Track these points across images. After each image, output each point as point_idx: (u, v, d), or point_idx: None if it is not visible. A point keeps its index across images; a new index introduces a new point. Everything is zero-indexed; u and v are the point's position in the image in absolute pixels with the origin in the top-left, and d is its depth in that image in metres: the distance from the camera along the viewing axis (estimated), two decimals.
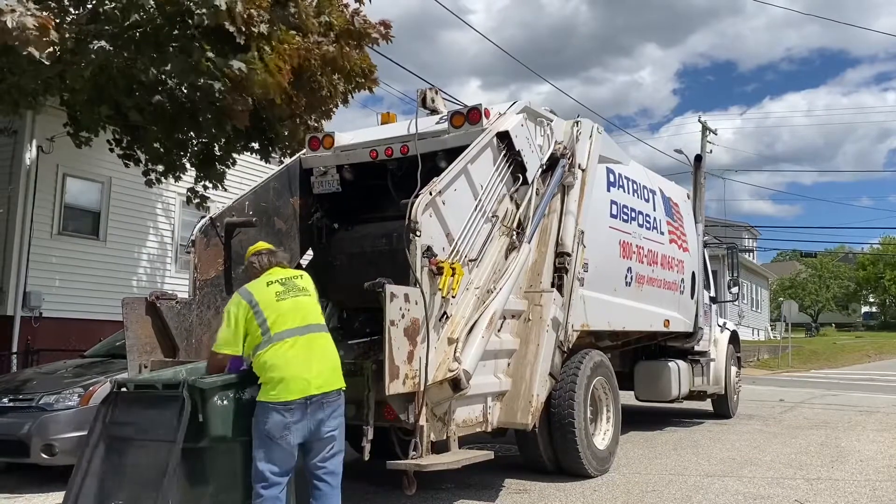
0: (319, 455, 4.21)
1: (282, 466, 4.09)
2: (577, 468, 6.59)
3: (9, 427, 6.61)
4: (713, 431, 9.96)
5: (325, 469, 4.23)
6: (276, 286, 4.32)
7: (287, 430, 4.05)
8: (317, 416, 4.13)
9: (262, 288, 4.32)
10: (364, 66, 10.21)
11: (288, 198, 6.90)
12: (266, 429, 4.05)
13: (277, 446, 4.05)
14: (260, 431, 4.08)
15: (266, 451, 4.06)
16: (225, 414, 4.16)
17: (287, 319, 4.21)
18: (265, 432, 4.05)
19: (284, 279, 4.39)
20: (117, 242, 13.03)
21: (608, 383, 7.24)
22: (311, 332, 4.27)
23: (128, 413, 4.36)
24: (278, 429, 4.04)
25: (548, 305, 6.24)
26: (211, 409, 4.10)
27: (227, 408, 4.18)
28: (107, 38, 8.23)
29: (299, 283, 4.41)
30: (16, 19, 6.47)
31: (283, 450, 4.06)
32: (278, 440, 4.05)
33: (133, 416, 4.35)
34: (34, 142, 11.75)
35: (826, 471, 7.20)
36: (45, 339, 11.64)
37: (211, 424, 4.09)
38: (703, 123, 29.62)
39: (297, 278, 4.45)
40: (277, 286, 4.32)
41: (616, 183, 7.84)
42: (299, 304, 4.30)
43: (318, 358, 4.22)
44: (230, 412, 4.18)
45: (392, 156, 6.65)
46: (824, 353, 32.04)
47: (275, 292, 4.28)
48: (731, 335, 11.50)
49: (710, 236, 16.58)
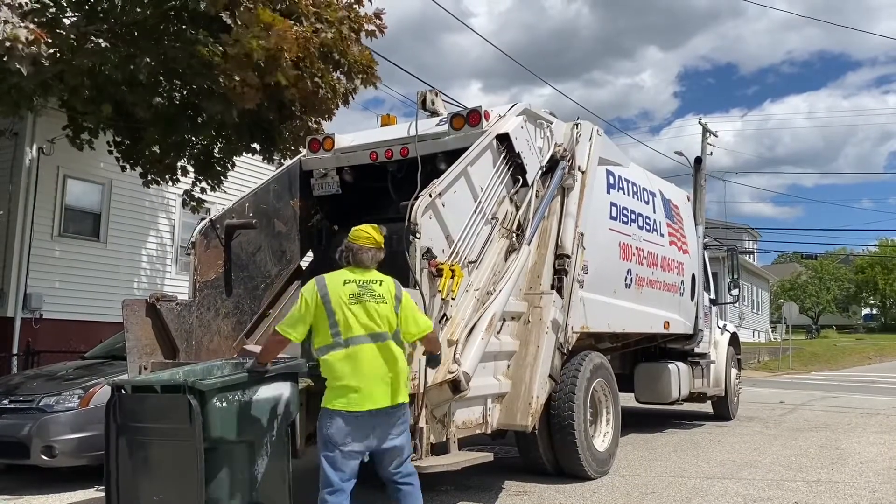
0: (393, 462, 4.23)
1: (346, 472, 4.09)
2: (577, 470, 6.59)
3: (9, 428, 6.61)
4: (713, 433, 9.96)
5: (402, 473, 4.25)
6: (352, 286, 4.17)
7: (350, 437, 4.05)
8: (382, 427, 4.13)
9: (337, 284, 4.17)
10: (364, 61, 10.22)
11: (288, 200, 6.91)
12: (329, 434, 4.06)
13: (340, 453, 4.06)
14: (324, 437, 4.09)
15: (330, 457, 4.07)
16: (224, 416, 4.16)
17: (357, 325, 4.09)
18: (328, 438, 4.06)
19: (362, 281, 4.20)
20: (118, 244, 13.03)
21: (608, 385, 7.24)
22: (382, 342, 4.14)
23: (136, 415, 4.37)
24: (341, 436, 4.04)
25: (547, 307, 6.25)
26: (210, 410, 4.10)
27: (227, 409, 4.18)
28: (104, 37, 8.23)
29: (377, 289, 4.21)
30: (7, 32, 6.45)
31: (346, 456, 4.07)
32: (341, 447, 4.05)
33: (142, 418, 4.35)
34: (35, 144, 11.76)
35: (826, 473, 7.20)
36: (46, 341, 11.65)
37: (210, 426, 4.09)
38: (703, 125, 29.59)
39: (375, 283, 4.23)
40: (354, 287, 4.17)
41: (616, 185, 7.85)
42: (371, 310, 4.13)
43: (387, 369, 4.12)
44: (229, 414, 4.19)
45: (392, 158, 6.66)
46: (825, 355, 32.01)
47: (349, 293, 4.14)
48: (731, 337, 11.50)
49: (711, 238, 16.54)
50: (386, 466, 4.22)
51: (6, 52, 6.53)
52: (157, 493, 4.24)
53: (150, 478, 4.31)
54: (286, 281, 6.78)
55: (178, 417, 4.11)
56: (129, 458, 4.37)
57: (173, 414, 4.15)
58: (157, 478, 4.28)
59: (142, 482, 4.33)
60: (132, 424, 4.36)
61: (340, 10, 9.82)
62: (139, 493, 4.31)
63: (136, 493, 4.32)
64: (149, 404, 4.37)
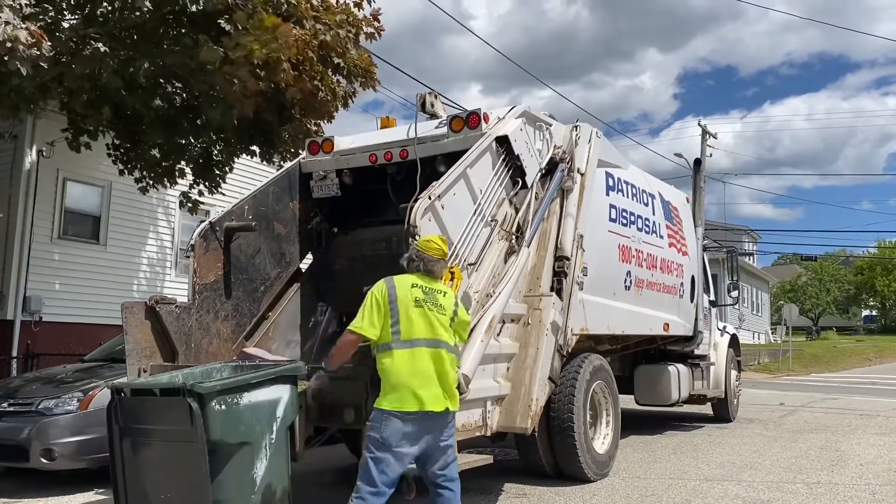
0: (438, 463, 4.26)
1: (391, 475, 4.11)
2: (577, 472, 6.59)
3: (8, 431, 6.61)
4: (713, 435, 9.95)
5: (446, 476, 4.29)
6: (418, 291, 4.28)
7: (405, 439, 4.08)
8: (434, 431, 4.18)
9: (406, 286, 4.29)
10: (363, 64, 10.23)
11: (287, 202, 6.91)
12: (385, 435, 4.07)
13: (392, 454, 4.08)
14: (375, 437, 4.10)
15: (379, 457, 4.08)
16: (223, 418, 4.17)
17: (418, 329, 4.19)
18: (381, 439, 4.07)
19: (429, 289, 4.33)
20: (117, 246, 13.05)
21: (608, 387, 7.24)
22: (440, 349, 4.24)
23: (138, 417, 4.41)
24: (396, 437, 4.06)
25: (547, 309, 6.25)
26: (209, 413, 4.10)
27: (226, 412, 4.18)
28: (103, 40, 8.24)
29: (440, 300, 4.35)
30: (8, 32, 6.46)
31: (396, 458, 4.09)
32: (394, 448, 4.07)
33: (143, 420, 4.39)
34: (34, 146, 11.77)
35: (826, 475, 7.19)
36: (45, 344, 11.65)
37: (210, 428, 4.09)
38: (702, 127, 29.61)
39: (440, 293, 4.38)
40: (419, 292, 4.28)
41: (615, 187, 7.85)
42: (432, 318, 4.25)
43: (441, 375, 4.20)
44: (229, 416, 4.19)
45: (391, 160, 6.66)
46: (825, 357, 32.01)
47: (415, 297, 4.25)
48: (730, 339, 11.50)
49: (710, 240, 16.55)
50: (432, 467, 4.27)
51: (7, 53, 6.54)
52: (163, 493, 4.28)
53: (155, 478, 4.33)
54: (286, 283, 6.77)
55: (178, 419, 4.12)
56: (133, 458, 4.40)
57: (174, 416, 4.16)
58: (163, 478, 4.30)
59: (147, 482, 4.35)
60: (134, 426, 4.38)
61: (339, 14, 9.84)
62: (146, 492, 4.34)
63: (144, 492, 4.35)
64: (149, 406, 4.38)
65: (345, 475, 7.55)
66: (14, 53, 6.56)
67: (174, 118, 9.65)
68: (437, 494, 4.30)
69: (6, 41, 6.45)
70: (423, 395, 4.09)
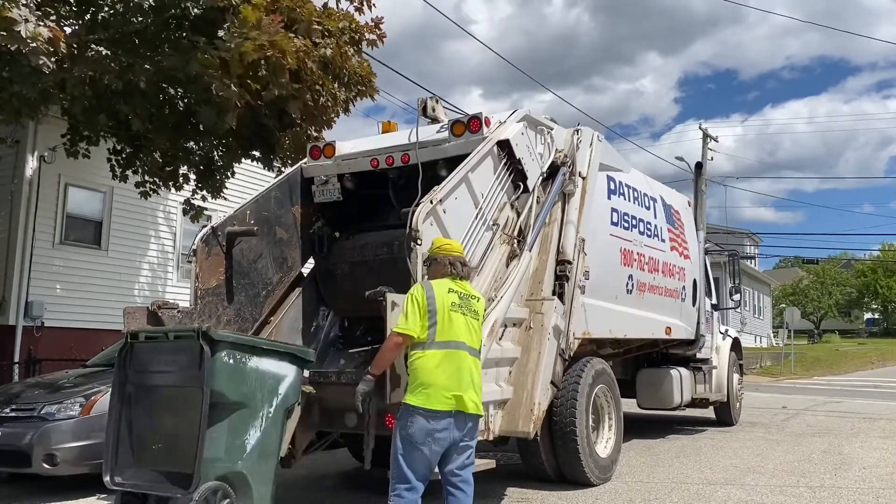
0: (457, 463, 4.31)
1: (422, 471, 4.19)
2: (580, 476, 6.58)
3: (10, 437, 6.61)
4: (715, 439, 9.94)
5: (461, 477, 4.33)
6: (454, 296, 4.39)
7: (431, 437, 4.15)
8: (458, 431, 4.24)
9: (443, 290, 4.38)
10: (363, 73, 10.24)
11: (289, 207, 6.91)
12: (410, 432, 4.15)
13: (419, 451, 4.15)
14: (404, 434, 4.17)
15: (409, 454, 4.16)
16: (229, 372, 4.28)
17: (454, 331, 4.30)
18: (409, 436, 4.15)
19: (464, 294, 4.45)
20: (119, 252, 13.05)
21: (610, 391, 7.23)
22: (472, 355, 4.37)
23: (147, 363, 4.56)
24: (422, 434, 4.14)
25: (549, 313, 6.24)
26: (217, 362, 4.22)
27: (232, 367, 4.30)
28: (105, 45, 8.26)
29: (474, 305, 4.48)
30: (30, 29, 6.54)
31: (424, 455, 4.16)
32: (421, 445, 4.14)
33: (152, 365, 4.55)
34: (36, 152, 11.78)
35: (829, 479, 7.18)
36: (47, 349, 11.65)
37: (215, 377, 4.20)
38: (703, 131, 29.60)
39: (474, 299, 4.52)
40: (455, 297, 4.39)
41: (617, 191, 7.85)
42: (468, 323, 4.39)
43: (471, 380, 4.30)
44: (234, 372, 4.31)
45: (393, 164, 6.66)
46: (827, 360, 31.97)
47: (451, 301, 4.35)
48: (733, 342, 11.49)
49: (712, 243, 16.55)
50: (450, 466, 4.31)
51: (30, 51, 6.60)
52: (155, 443, 4.44)
53: (150, 427, 4.49)
54: (287, 288, 6.77)
55: (187, 364, 4.28)
56: (132, 407, 4.56)
57: (183, 360, 4.33)
58: (158, 427, 4.47)
59: (143, 431, 4.50)
60: (142, 372, 4.55)
61: (341, 21, 9.85)
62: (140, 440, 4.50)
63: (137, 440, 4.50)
64: (161, 350, 4.55)
65: (347, 480, 7.55)
66: (36, 51, 6.62)
67: (175, 123, 9.66)
68: (450, 494, 4.34)
69: (28, 38, 6.52)
70: (457, 396, 4.19)
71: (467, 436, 4.31)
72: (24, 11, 6.56)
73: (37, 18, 6.72)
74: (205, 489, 4.16)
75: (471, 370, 4.33)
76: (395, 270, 5.67)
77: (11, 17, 6.44)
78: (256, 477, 4.48)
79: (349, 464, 7.71)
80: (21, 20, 6.51)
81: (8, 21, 6.44)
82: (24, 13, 6.54)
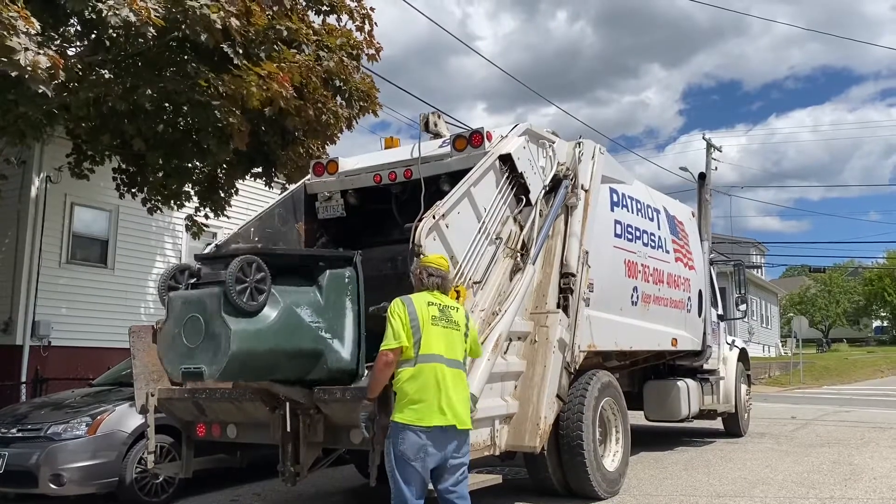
0: (451, 480, 4.32)
1: (418, 489, 4.20)
2: (587, 490, 6.54)
3: (17, 457, 6.63)
4: (724, 451, 9.87)
5: (457, 493, 4.34)
6: (434, 309, 4.41)
7: (423, 452, 4.15)
8: (449, 446, 4.25)
9: (422, 304, 4.40)
10: (365, 88, 10.30)
11: (293, 223, 6.94)
12: (402, 450, 4.16)
13: (413, 469, 4.16)
14: (396, 452, 4.18)
15: (403, 473, 4.17)
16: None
17: (437, 345, 4.31)
18: (401, 453, 4.16)
19: (443, 306, 4.47)
20: (125, 270, 13.08)
21: (616, 404, 7.20)
22: (456, 368, 4.37)
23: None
24: (414, 451, 4.15)
25: (554, 326, 6.23)
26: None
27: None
28: (108, 67, 8.35)
29: (454, 316, 4.49)
30: (29, 58, 6.62)
31: (417, 472, 4.17)
32: (413, 462, 4.15)
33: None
34: (42, 172, 11.86)
35: (839, 489, 7.12)
36: (54, 368, 11.67)
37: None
38: (707, 141, 29.63)
39: (453, 310, 4.53)
40: (435, 310, 4.41)
41: (620, 203, 7.85)
42: (449, 336, 4.40)
43: (457, 393, 4.32)
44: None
45: (396, 180, 6.69)
46: (836, 369, 31.76)
47: (431, 315, 4.37)
48: (740, 352, 11.43)
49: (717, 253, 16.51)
50: (444, 483, 4.31)
51: (29, 78, 6.69)
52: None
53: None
54: None
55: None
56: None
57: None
58: None
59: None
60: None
61: (340, 37, 9.94)
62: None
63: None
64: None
65: (354, 496, 7.52)
66: (35, 79, 6.70)
67: (177, 142, 9.74)
68: None
69: (27, 66, 6.60)
70: (438, 409, 4.19)
71: (457, 452, 4.31)
72: (24, 40, 6.63)
73: (37, 46, 6.80)
74: (239, 260, 4.43)
75: (459, 384, 4.34)
76: (399, 285, 5.66)
77: (10, 46, 6.54)
78: None
79: (356, 480, 7.69)
80: (21, 48, 6.58)
81: (7, 49, 6.53)
82: (23, 41, 6.62)
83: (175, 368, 4.57)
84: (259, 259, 4.55)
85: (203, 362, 4.38)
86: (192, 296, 4.64)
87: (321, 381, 4.99)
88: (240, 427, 5.67)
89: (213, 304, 4.41)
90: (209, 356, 4.38)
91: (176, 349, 4.57)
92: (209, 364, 4.36)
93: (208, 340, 4.39)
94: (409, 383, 4.22)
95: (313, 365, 4.87)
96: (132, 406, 6.13)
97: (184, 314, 4.57)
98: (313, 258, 5.27)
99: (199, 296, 4.57)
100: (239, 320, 4.38)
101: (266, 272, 4.56)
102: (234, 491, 7.61)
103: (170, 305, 4.75)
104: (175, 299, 4.73)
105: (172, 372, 4.65)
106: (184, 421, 5.94)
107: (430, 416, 4.17)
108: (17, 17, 6.63)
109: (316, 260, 5.17)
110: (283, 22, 9.01)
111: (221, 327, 4.35)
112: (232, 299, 4.35)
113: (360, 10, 10.38)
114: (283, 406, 5.05)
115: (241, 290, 4.40)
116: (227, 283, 4.35)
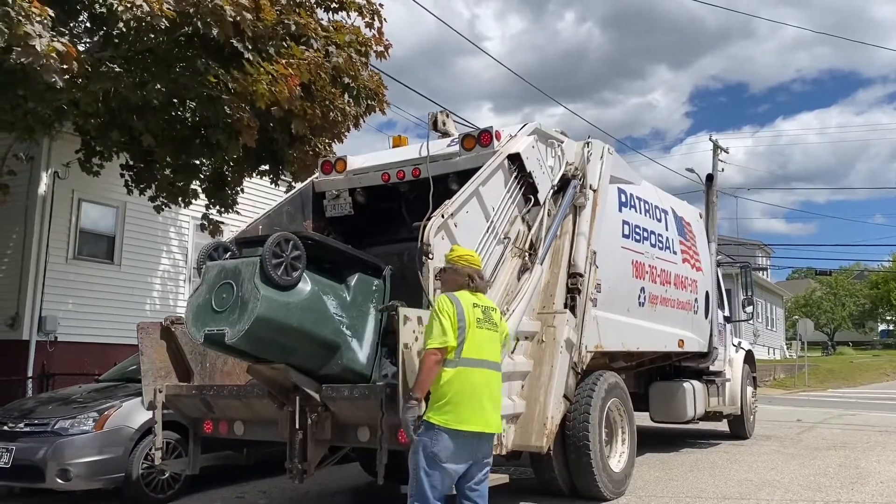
0: (475, 479, 4.30)
1: (442, 490, 4.17)
2: (593, 491, 6.52)
3: (24, 452, 6.64)
4: (729, 452, 9.85)
5: (479, 492, 4.33)
6: (478, 311, 4.36)
7: (453, 455, 4.11)
8: (479, 449, 4.25)
9: (468, 304, 4.34)
10: (373, 86, 10.30)
11: (301, 221, 6.94)
12: (435, 451, 4.09)
13: (442, 469, 4.11)
14: (426, 452, 4.11)
15: (430, 472, 4.11)
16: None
17: (483, 349, 4.28)
18: (434, 454, 4.10)
19: (486, 308, 4.43)
20: (132, 266, 13.11)
21: (623, 405, 7.18)
22: (494, 371, 4.37)
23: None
24: (446, 453, 4.10)
25: (561, 326, 6.22)
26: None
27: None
28: (119, 62, 8.37)
29: (494, 318, 4.47)
30: (45, 45, 6.64)
31: (447, 474, 4.13)
32: (444, 463, 4.11)
33: None
34: (50, 168, 11.89)
35: (846, 493, 7.09)
36: (61, 364, 11.69)
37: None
38: (714, 142, 29.55)
39: (493, 311, 4.51)
40: (479, 312, 4.36)
41: (628, 203, 7.83)
42: (491, 339, 4.38)
43: (492, 396, 4.31)
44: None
45: (404, 179, 6.69)
46: (841, 372, 31.68)
47: (476, 317, 4.32)
48: (746, 354, 11.40)
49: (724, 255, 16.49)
50: (468, 481, 4.29)
51: (42, 68, 6.71)
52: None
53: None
54: None
55: None
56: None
57: None
58: None
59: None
60: None
61: (348, 34, 9.93)
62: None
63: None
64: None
65: (359, 495, 7.53)
66: (48, 68, 6.72)
67: (186, 138, 9.75)
68: None
69: (42, 55, 6.62)
70: (480, 416, 4.18)
71: (488, 454, 4.32)
72: (38, 28, 6.66)
73: (50, 35, 6.82)
74: (277, 235, 4.61)
75: (495, 388, 4.34)
76: (407, 284, 5.67)
77: (27, 32, 6.55)
78: None
79: (361, 478, 7.69)
80: (36, 35, 6.61)
81: (24, 36, 6.54)
82: (38, 29, 6.65)
83: (198, 331, 4.65)
84: (296, 237, 4.70)
85: (227, 325, 4.49)
86: (228, 264, 4.79)
87: (331, 377, 4.99)
88: (247, 424, 5.68)
89: (248, 272, 4.55)
90: (234, 318, 4.48)
91: (203, 313, 4.67)
92: (233, 326, 4.46)
93: (236, 305, 4.51)
94: (449, 385, 4.13)
95: (328, 359, 4.90)
96: (139, 402, 6.14)
97: (217, 281, 4.70)
98: (347, 256, 5.34)
99: (235, 264, 4.73)
100: (269, 289, 4.52)
101: (302, 251, 4.71)
102: (241, 488, 7.62)
103: (205, 275, 4.85)
104: (212, 267, 4.85)
105: (195, 335, 4.71)
106: (191, 417, 5.95)
107: (468, 420, 4.12)
108: (30, 5, 6.65)
109: (350, 259, 5.25)
110: (291, 17, 9.01)
111: (252, 292, 4.48)
112: (267, 271, 4.50)
113: (369, 7, 10.36)
114: (293, 403, 5.05)
115: (277, 264, 4.57)
116: (265, 255, 4.49)
